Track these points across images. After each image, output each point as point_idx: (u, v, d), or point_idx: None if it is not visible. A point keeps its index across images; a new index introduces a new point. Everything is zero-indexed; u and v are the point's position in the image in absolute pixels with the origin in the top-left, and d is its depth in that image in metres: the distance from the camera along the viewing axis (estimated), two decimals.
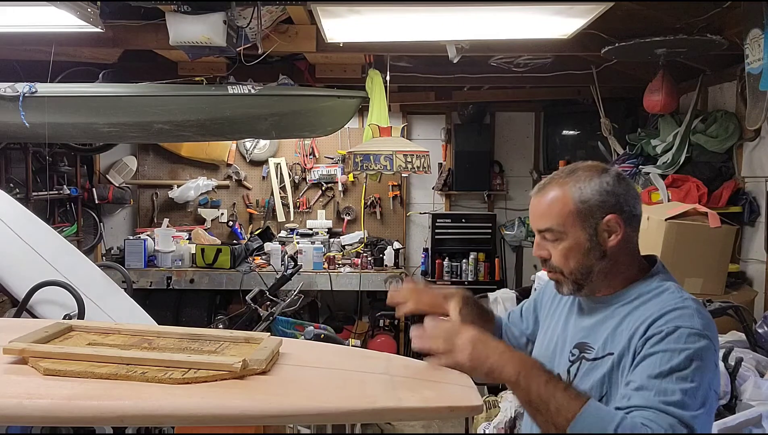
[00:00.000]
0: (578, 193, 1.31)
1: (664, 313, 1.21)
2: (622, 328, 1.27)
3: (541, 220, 1.34)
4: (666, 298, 1.27)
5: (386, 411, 1.22)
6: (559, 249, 1.32)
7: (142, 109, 3.74)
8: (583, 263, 1.31)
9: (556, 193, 1.33)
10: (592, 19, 2.77)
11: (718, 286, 3.16)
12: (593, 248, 1.31)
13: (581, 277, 1.32)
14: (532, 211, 1.37)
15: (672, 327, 1.18)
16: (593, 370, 1.28)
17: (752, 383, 2.30)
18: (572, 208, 1.30)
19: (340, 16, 2.78)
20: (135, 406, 1.13)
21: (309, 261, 5.19)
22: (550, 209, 1.32)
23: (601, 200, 1.30)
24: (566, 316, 1.44)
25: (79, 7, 2.75)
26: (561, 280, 1.35)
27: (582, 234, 1.31)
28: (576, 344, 1.35)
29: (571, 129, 5.68)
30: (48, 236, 3.31)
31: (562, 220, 1.31)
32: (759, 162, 3.67)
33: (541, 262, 1.37)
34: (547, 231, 1.33)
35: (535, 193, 1.37)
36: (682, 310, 1.21)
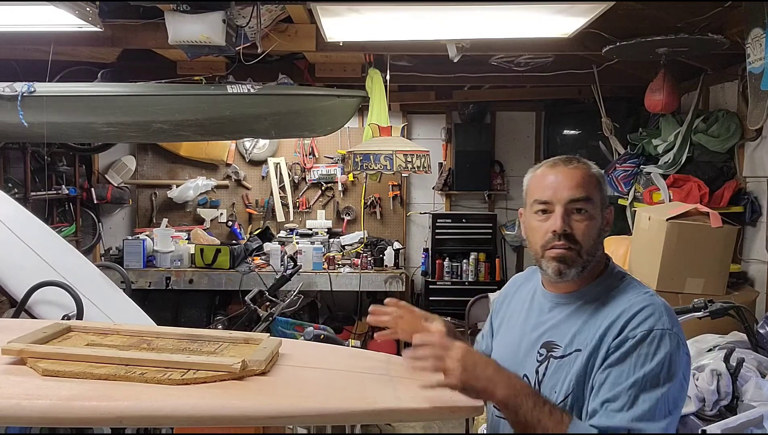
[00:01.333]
0: (600, 175, 1.35)
1: (635, 313, 1.23)
2: (589, 324, 1.28)
3: (577, 190, 1.30)
4: (632, 294, 1.29)
5: (386, 412, 1.22)
6: (587, 224, 1.30)
7: (141, 108, 3.73)
8: (597, 245, 1.32)
9: (586, 170, 1.33)
10: (593, 18, 2.77)
11: (720, 287, 3.16)
12: (602, 231, 1.34)
13: (589, 259, 1.31)
14: (557, 182, 1.31)
15: (645, 330, 1.21)
16: (561, 368, 1.29)
17: (753, 384, 2.29)
18: (599, 187, 1.33)
19: (340, 15, 2.77)
20: (134, 407, 1.13)
21: (309, 261, 5.18)
22: (586, 182, 1.31)
23: (606, 190, 1.37)
24: (526, 316, 1.43)
25: (77, 7, 2.74)
26: (574, 258, 1.29)
27: (599, 214, 1.33)
28: (543, 344, 1.34)
29: (572, 128, 5.67)
30: (46, 236, 3.30)
31: (595, 195, 1.31)
32: (760, 162, 3.67)
33: (554, 236, 1.29)
34: (583, 201, 1.29)
35: (559, 165, 1.34)
36: (652, 308, 1.24)
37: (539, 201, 1.33)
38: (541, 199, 1.32)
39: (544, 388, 1.30)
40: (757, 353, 2.53)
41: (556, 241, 1.29)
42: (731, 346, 2.45)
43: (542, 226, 1.32)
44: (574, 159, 1.35)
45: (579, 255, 1.29)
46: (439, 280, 5.47)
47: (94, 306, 2.93)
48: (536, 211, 1.34)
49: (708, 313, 2.55)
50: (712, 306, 2.56)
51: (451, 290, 5.41)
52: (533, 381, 1.32)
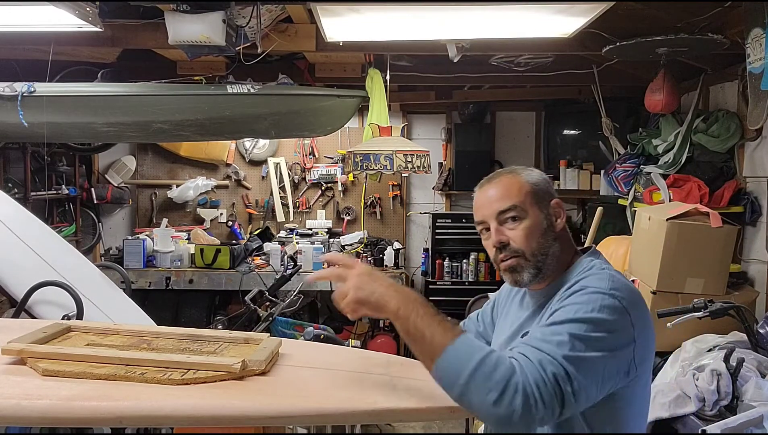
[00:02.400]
0: (529, 178, 1.39)
1: (578, 280, 1.28)
2: (552, 310, 1.29)
3: (501, 202, 1.36)
4: (588, 272, 1.32)
5: (386, 412, 1.22)
6: (521, 229, 1.34)
7: (141, 108, 3.73)
8: (542, 244, 1.35)
9: (509, 178, 1.39)
10: (593, 18, 2.77)
11: (720, 287, 3.15)
12: (548, 229, 1.36)
13: (541, 259, 1.34)
14: (484, 200, 1.39)
15: (578, 287, 1.24)
16: None
17: (753, 384, 2.30)
18: (528, 189, 1.37)
19: (340, 15, 2.77)
20: (134, 407, 1.13)
21: (309, 261, 5.18)
22: (508, 191, 1.36)
23: (545, 186, 1.40)
24: (515, 314, 1.48)
25: (77, 7, 2.74)
26: (522, 264, 1.34)
27: (539, 214, 1.36)
28: (521, 335, 1.37)
29: (572, 128, 5.67)
30: (47, 236, 3.30)
31: (522, 199, 1.35)
32: (760, 162, 3.67)
33: (497, 251, 1.36)
34: (509, 210, 1.35)
35: (484, 185, 1.41)
36: (595, 276, 1.27)
37: (477, 222, 1.41)
38: (478, 221, 1.41)
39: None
40: (757, 353, 2.53)
41: (500, 254, 1.36)
42: (731, 346, 2.45)
43: (489, 244, 1.39)
44: (501, 173, 1.42)
45: (526, 259, 1.34)
46: (439, 280, 5.47)
47: (94, 306, 2.93)
48: (480, 231, 1.42)
49: (708, 313, 2.55)
50: (712, 306, 2.56)
51: (451, 290, 5.40)
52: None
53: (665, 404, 2.32)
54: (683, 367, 2.61)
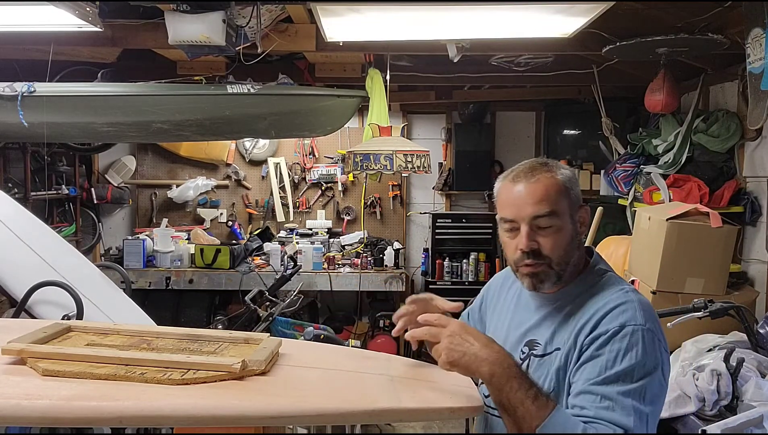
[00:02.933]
0: (566, 180, 1.32)
1: (608, 310, 1.23)
2: (568, 323, 1.28)
3: (539, 206, 1.28)
4: (609, 291, 1.28)
5: (386, 412, 1.22)
6: (553, 235, 1.28)
7: (140, 108, 3.73)
8: (569, 253, 1.31)
9: (548, 179, 1.30)
10: (593, 18, 2.77)
11: (720, 287, 3.15)
12: (574, 237, 1.32)
13: (564, 268, 1.31)
14: (518, 199, 1.30)
15: (617, 326, 1.20)
16: (541, 367, 1.29)
17: (753, 384, 2.30)
18: (565, 193, 1.30)
19: (340, 15, 2.77)
20: (134, 407, 1.13)
21: (309, 261, 5.18)
22: (547, 193, 1.29)
23: (577, 188, 1.34)
24: (512, 314, 1.44)
25: (77, 7, 2.74)
26: (547, 272, 1.30)
27: (570, 222, 1.31)
28: (526, 342, 1.35)
29: (572, 128, 5.67)
30: (47, 236, 3.30)
31: (560, 205, 1.29)
32: (760, 162, 3.67)
33: (521, 255, 1.30)
34: (547, 216, 1.28)
35: (519, 180, 1.32)
36: (626, 305, 1.23)
37: (505, 219, 1.33)
38: (506, 218, 1.33)
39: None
40: (757, 353, 2.53)
41: (526, 259, 1.30)
42: (731, 346, 2.45)
43: (512, 243, 1.33)
44: (538, 168, 1.32)
45: (550, 267, 1.30)
46: (439, 280, 5.47)
47: (94, 306, 2.93)
48: (505, 228, 1.34)
49: (708, 313, 2.55)
50: (712, 306, 2.56)
51: (451, 290, 5.40)
52: None
53: (665, 404, 2.32)
54: (683, 367, 2.61)
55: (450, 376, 1.39)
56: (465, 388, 1.32)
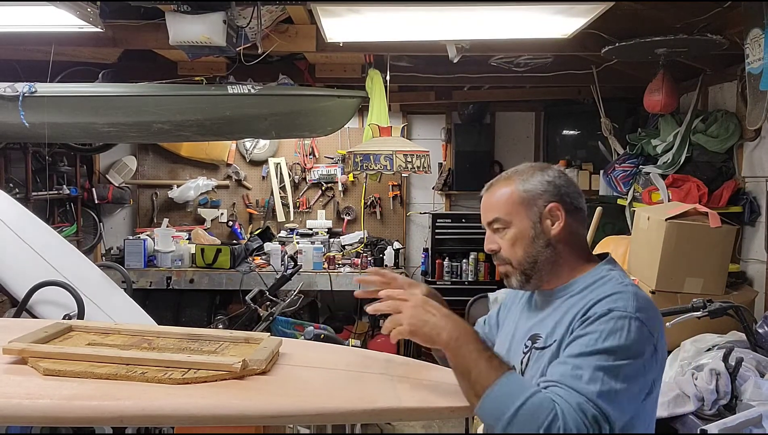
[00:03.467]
0: (521, 185, 1.39)
1: (601, 298, 1.26)
2: (567, 314, 1.31)
3: (489, 213, 1.41)
4: (608, 285, 1.31)
5: (386, 411, 1.22)
6: (507, 238, 1.38)
7: (141, 108, 3.74)
8: (529, 252, 1.37)
9: (502, 186, 1.41)
10: (593, 19, 2.77)
11: (719, 286, 3.16)
12: (537, 236, 1.37)
13: (528, 267, 1.37)
14: (482, 208, 1.44)
15: (605, 310, 1.22)
16: (541, 358, 1.32)
17: (752, 383, 2.30)
18: (516, 198, 1.38)
19: (340, 16, 2.78)
20: (135, 407, 1.13)
21: (309, 261, 5.19)
22: (497, 201, 1.40)
23: (542, 190, 1.38)
24: (520, 314, 1.49)
25: (78, 7, 2.74)
26: (510, 271, 1.40)
27: (527, 222, 1.37)
28: (530, 337, 1.38)
29: (572, 129, 5.68)
30: (48, 236, 3.31)
31: (508, 209, 1.38)
32: (759, 162, 3.67)
33: (492, 256, 1.43)
34: (494, 221, 1.40)
35: (484, 191, 1.45)
36: (620, 295, 1.25)
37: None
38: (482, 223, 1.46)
39: (526, 377, 1.32)
40: (756, 353, 2.53)
41: (494, 260, 1.44)
42: (730, 345, 2.46)
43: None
44: (500, 179, 1.44)
45: (513, 267, 1.39)
46: (439, 279, 5.47)
47: (95, 306, 2.93)
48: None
49: (707, 312, 2.55)
50: (711, 306, 2.56)
51: (451, 290, 5.40)
52: (519, 371, 1.36)
53: (664, 404, 2.33)
54: (682, 367, 2.62)
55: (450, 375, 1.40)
56: None
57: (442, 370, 1.43)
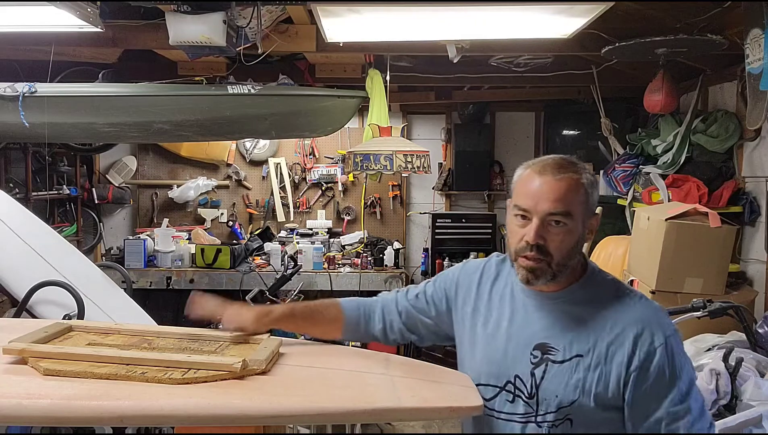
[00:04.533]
0: (589, 184, 1.31)
1: (642, 327, 1.27)
2: (587, 329, 1.30)
3: (559, 204, 1.27)
4: (625, 300, 1.32)
5: (386, 411, 1.22)
6: (563, 236, 1.28)
7: (141, 108, 3.74)
8: (571, 253, 1.31)
9: (574, 178, 1.29)
10: (593, 19, 2.77)
11: (719, 286, 3.16)
12: (580, 239, 1.33)
13: (563, 268, 1.31)
14: (538, 192, 1.28)
15: (661, 343, 1.26)
16: (562, 373, 1.29)
17: (752, 383, 2.30)
18: (581, 195, 1.30)
19: (340, 16, 2.78)
20: (135, 407, 1.13)
21: (309, 261, 5.19)
22: (569, 194, 1.28)
23: (595, 197, 1.34)
24: (511, 315, 1.39)
25: (78, 7, 2.74)
26: (544, 269, 1.29)
27: (580, 225, 1.31)
28: (536, 346, 1.33)
29: (572, 129, 5.67)
30: (47, 236, 3.31)
31: (577, 207, 1.29)
32: (759, 162, 3.67)
33: (525, 246, 1.29)
34: (562, 215, 1.27)
35: (546, 173, 1.29)
36: (655, 315, 1.29)
37: (519, 207, 1.31)
38: (521, 206, 1.31)
39: (543, 392, 1.30)
40: (756, 353, 2.53)
41: (528, 251, 1.29)
42: (730, 345, 2.45)
43: (519, 232, 1.31)
44: (566, 166, 1.31)
45: (549, 266, 1.29)
46: None
47: (95, 306, 2.93)
48: (516, 214, 1.32)
49: (707, 312, 2.55)
50: (711, 306, 2.56)
51: None
52: (529, 384, 1.32)
53: None
54: None
55: (450, 375, 1.40)
56: (465, 388, 1.33)
57: (442, 370, 1.43)
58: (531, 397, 1.31)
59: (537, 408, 1.31)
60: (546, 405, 1.30)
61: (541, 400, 1.30)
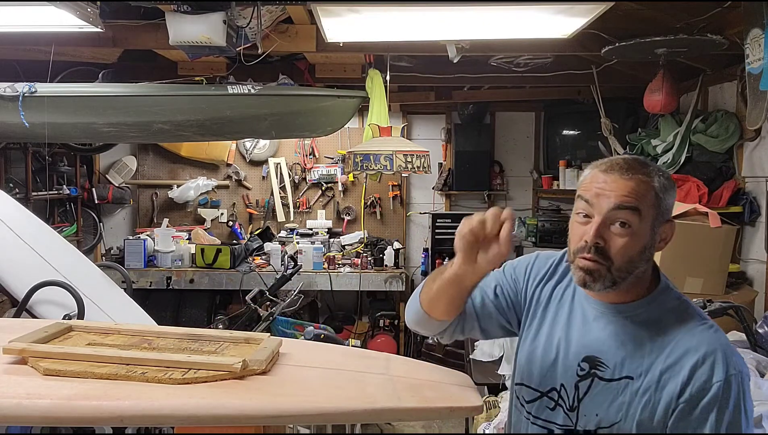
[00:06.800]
0: (661, 188, 1.22)
1: (701, 357, 1.16)
2: (643, 351, 1.21)
3: (624, 199, 1.17)
4: (693, 326, 1.21)
5: (386, 411, 1.22)
6: (625, 239, 1.18)
7: (141, 109, 3.74)
8: (635, 260, 1.20)
9: (644, 178, 1.20)
10: (593, 19, 2.77)
11: (719, 286, 3.16)
12: (648, 247, 1.22)
13: (624, 275, 1.20)
14: (611, 188, 1.19)
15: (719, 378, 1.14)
16: (607, 392, 1.22)
17: (753, 384, 2.30)
18: (653, 201, 1.20)
19: (340, 16, 2.78)
20: (135, 407, 1.13)
21: (309, 261, 5.19)
22: (638, 193, 1.18)
23: (670, 203, 1.25)
24: (568, 320, 1.32)
25: (78, 7, 2.74)
26: (602, 273, 1.19)
27: (648, 230, 1.20)
28: (585, 357, 1.25)
29: (572, 129, 5.67)
30: (48, 236, 3.31)
31: (644, 209, 1.19)
32: (759, 162, 3.67)
33: (584, 246, 1.20)
34: (629, 210, 1.17)
35: (613, 171, 1.21)
36: (721, 347, 1.17)
37: (583, 198, 1.23)
38: (584, 198, 1.22)
39: (584, 407, 1.23)
40: (756, 353, 2.53)
41: (586, 252, 1.19)
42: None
43: (579, 231, 1.22)
44: (635, 166, 1.21)
45: (608, 271, 1.19)
46: None
47: (95, 306, 2.93)
48: (579, 211, 1.24)
49: (707, 312, 2.55)
50: (711, 306, 2.56)
51: None
52: (571, 395, 1.25)
53: None
54: None
55: (450, 375, 1.40)
56: (465, 388, 1.33)
57: (442, 370, 1.43)
58: (572, 410, 1.25)
59: (576, 422, 1.25)
60: (585, 421, 1.23)
61: (580, 415, 1.24)
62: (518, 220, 5.79)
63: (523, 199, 5.95)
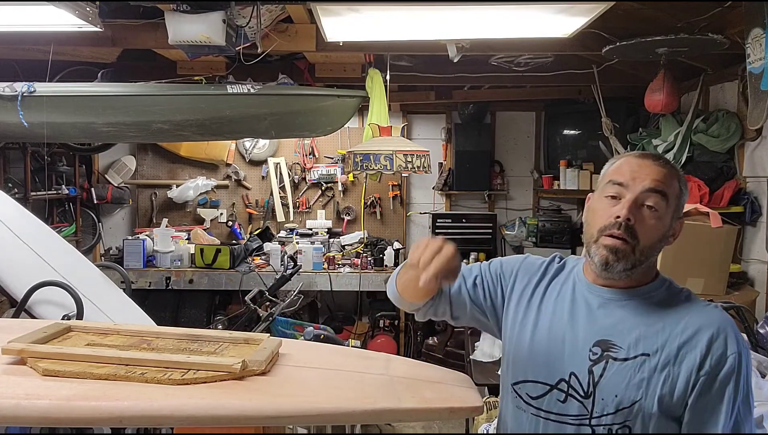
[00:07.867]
0: (683, 183, 1.30)
1: (715, 333, 1.21)
2: (655, 328, 1.24)
3: (657, 183, 1.24)
4: (701, 305, 1.28)
5: (386, 412, 1.22)
6: (654, 222, 1.24)
7: (141, 108, 3.73)
8: (655, 247, 1.27)
9: (673, 171, 1.28)
10: (593, 19, 2.77)
11: (720, 287, 3.16)
12: (665, 237, 1.28)
13: (643, 259, 1.25)
14: (638, 169, 1.26)
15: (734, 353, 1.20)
16: (624, 371, 1.22)
17: (753, 384, 2.29)
18: (678, 193, 1.28)
19: (340, 15, 2.78)
20: (134, 407, 1.13)
21: (309, 261, 5.18)
22: (667, 180, 1.26)
23: (684, 201, 1.31)
24: (570, 312, 1.32)
25: (78, 7, 2.74)
26: (627, 253, 1.23)
27: (669, 220, 1.27)
28: (596, 342, 1.26)
29: (572, 128, 5.67)
30: (46, 236, 3.30)
31: (671, 197, 1.26)
32: (760, 162, 3.67)
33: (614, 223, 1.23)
34: (658, 194, 1.24)
35: (645, 157, 1.29)
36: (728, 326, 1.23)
37: (615, 181, 1.28)
38: (616, 181, 1.27)
39: (602, 390, 1.23)
40: (757, 353, 2.53)
41: (616, 228, 1.23)
42: None
43: (608, 210, 1.26)
44: (664, 160, 1.30)
45: (633, 251, 1.23)
46: None
47: (94, 306, 2.93)
48: (608, 194, 1.28)
49: None
50: None
51: None
52: (587, 380, 1.25)
53: None
54: None
55: (450, 375, 1.39)
56: (465, 388, 1.33)
57: (442, 370, 1.43)
58: (587, 396, 1.24)
59: (592, 409, 1.24)
60: (602, 405, 1.23)
61: (597, 400, 1.23)
62: (519, 220, 5.79)
63: (524, 199, 5.94)
